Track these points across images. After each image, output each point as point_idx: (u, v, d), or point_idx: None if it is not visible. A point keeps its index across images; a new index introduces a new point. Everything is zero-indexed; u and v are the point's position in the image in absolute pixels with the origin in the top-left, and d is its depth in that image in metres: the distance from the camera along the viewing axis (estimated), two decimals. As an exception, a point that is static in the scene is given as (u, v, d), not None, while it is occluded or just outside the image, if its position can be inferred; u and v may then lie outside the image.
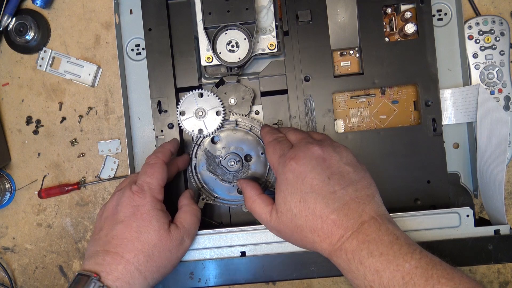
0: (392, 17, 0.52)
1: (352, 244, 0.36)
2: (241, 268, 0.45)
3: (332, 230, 0.37)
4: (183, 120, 0.50)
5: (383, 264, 0.35)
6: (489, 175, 0.48)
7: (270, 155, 0.43)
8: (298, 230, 0.39)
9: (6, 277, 0.60)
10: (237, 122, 0.51)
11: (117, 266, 0.39)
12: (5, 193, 0.59)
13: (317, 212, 0.38)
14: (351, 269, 0.36)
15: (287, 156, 0.41)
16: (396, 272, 0.34)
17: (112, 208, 0.44)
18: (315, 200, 0.38)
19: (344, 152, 0.42)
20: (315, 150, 0.40)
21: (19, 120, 0.60)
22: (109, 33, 0.58)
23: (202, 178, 0.51)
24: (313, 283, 0.58)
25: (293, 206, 0.39)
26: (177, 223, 0.45)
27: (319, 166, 0.39)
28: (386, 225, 0.37)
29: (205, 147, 0.51)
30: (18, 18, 0.57)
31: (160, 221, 0.42)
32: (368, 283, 0.35)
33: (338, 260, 0.37)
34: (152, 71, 0.52)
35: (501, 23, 0.53)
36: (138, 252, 0.41)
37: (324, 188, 0.38)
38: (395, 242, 0.36)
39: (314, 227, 0.38)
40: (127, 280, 0.39)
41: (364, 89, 0.52)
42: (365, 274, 0.35)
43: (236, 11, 0.47)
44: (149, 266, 0.41)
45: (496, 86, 0.53)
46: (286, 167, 0.40)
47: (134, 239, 0.41)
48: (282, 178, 0.41)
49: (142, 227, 0.42)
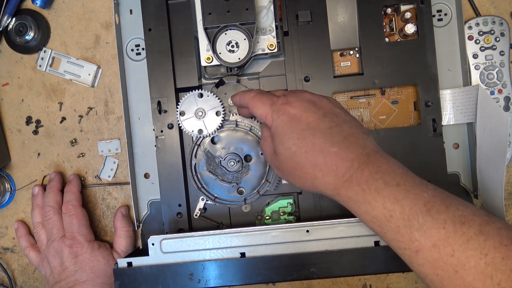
0: (392, 18, 0.52)
1: (364, 174, 0.36)
2: (241, 269, 0.45)
3: (336, 163, 0.37)
4: (183, 120, 0.50)
5: (401, 194, 0.35)
6: (489, 176, 0.48)
7: (259, 107, 0.42)
8: (298, 167, 0.39)
9: (6, 277, 0.60)
10: (237, 122, 0.51)
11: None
12: (5, 193, 0.59)
13: (316, 146, 0.38)
14: (367, 200, 0.36)
15: (279, 103, 0.41)
16: (416, 200, 0.34)
17: (59, 266, 0.52)
18: (313, 136, 0.38)
19: (331, 98, 0.43)
20: (306, 95, 0.41)
21: (19, 120, 0.60)
22: (109, 33, 0.58)
23: (202, 179, 0.51)
24: (313, 283, 0.58)
25: (291, 145, 0.39)
26: (116, 250, 0.55)
27: (312, 106, 0.40)
28: (391, 159, 0.38)
29: (205, 147, 0.51)
30: (18, 18, 0.57)
31: (105, 255, 0.53)
32: (388, 213, 0.35)
33: (349, 192, 0.37)
34: (152, 71, 0.52)
35: (501, 23, 0.53)
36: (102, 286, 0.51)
37: (321, 124, 0.39)
38: (407, 174, 0.37)
39: (315, 162, 0.38)
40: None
41: (364, 90, 0.52)
42: (384, 203, 0.35)
43: (236, 11, 0.47)
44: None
45: (496, 87, 0.53)
46: (280, 111, 0.40)
47: (95, 278, 0.51)
48: (277, 122, 0.40)
49: (94, 267, 0.52)
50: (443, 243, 0.33)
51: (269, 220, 0.52)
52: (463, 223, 0.33)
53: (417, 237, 0.34)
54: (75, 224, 0.53)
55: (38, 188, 0.57)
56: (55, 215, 0.54)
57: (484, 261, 0.31)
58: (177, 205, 0.52)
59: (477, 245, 0.32)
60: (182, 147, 0.52)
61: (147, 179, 0.55)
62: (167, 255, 0.46)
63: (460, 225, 0.33)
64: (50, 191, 0.55)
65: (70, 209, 0.53)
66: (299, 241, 0.45)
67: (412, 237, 0.34)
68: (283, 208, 0.52)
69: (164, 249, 0.46)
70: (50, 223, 0.53)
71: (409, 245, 0.34)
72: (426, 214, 0.34)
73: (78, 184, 0.56)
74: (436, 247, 0.33)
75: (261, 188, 0.51)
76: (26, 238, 0.58)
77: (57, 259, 0.52)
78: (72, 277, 0.51)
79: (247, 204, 0.52)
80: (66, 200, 0.54)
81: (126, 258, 0.46)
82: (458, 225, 0.33)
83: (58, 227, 0.53)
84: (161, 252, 0.46)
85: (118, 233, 0.55)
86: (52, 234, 0.53)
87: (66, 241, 0.52)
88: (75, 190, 0.55)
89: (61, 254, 0.52)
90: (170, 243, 0.46)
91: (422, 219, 0.34)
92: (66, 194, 0.55)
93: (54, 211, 0.54)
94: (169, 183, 0.52)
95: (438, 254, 0.33)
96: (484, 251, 0.31)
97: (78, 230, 0.53)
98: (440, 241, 0.33)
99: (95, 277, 0.51)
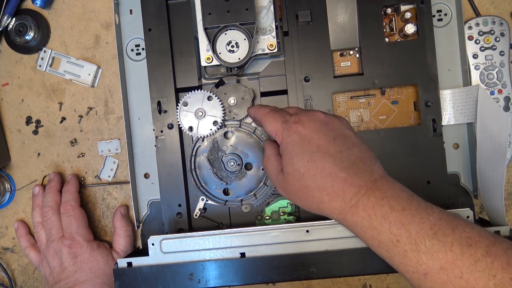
0: (392, 18, 0.52)
1: (370, 200, 0.36)
2: (240, 269, 0.45)
3: (344, 188, 0.37)
4: (182, 111, 0.50)
5: (407, 218, 0.35)
6: (489, 176, 0.47)
7: (271, 123, 0.43)
8: (305, 190, 0.39)
9: (6, 277, 0.60)
10: (256, 129, 0.51)
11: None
12: (5, 193, 0.59)
13: (325, 170, 0.38)
14: (374, 226, 0.36)
15: (291, 121, 0.41)
16: (422, 224, 0.34)
17: (59, 267, 0.52)
18: (323, 159, 0.38)
19: (343, 119, 0.43)
20: (318, 115, 0.41)
21: (19, 120, 0.60)
22: (109, 33, 0.58)
23: (199, 165, 0.51)
24: (313, 283, 0.58)
25: (300, 166, 0.39)
26: (116, 249, 0.55)
27: (324, 128, 0.40)
28: (397, 184, 0.38)
29: (215, 136, 0.51)
30: (18, 18, 0.57)
31: (104, 255, 0.53)
32: (395, 237, 0.35)
33: (355, 218, 0.37)
34: (152, 71, 0.52)
35: (501, 23, 0.53)
36: (102, 286, 0.51)
37: (331, 147, 0.38)
38: (412, 198, 0.37)
39: (322, 185, 0.38)
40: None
41: (364, 90, 0.52)
42: (391, 228, 0.35)
43: (236, 11, 0.47)
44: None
45: (496, 87, 0.53)
46: (291, 130, 0.40)
47: (94, 278, 0.51)
48: (287, 141, 0.40)
49: (93, 267, 0.52)
50: (451, 265, 0.33)
51: (269, 220, 0.52)
52: (470, 244, 0.33)
53: (425, 261, 0.34)
54: (73, 225, 0.53)
55: (38, 188, 0.57)
56: (54, 215, 0.54)
57: (493, 282, 0.31)
58: (177, 205, 0.52)
59: (485, 267, 0.32)
60: (182, 147, 0.52)
61: (147, 179, 0.55)
62: (167, 255, 0.46)
63: (467, 247, 0.33)
64: (49, 192, 0.55)
65: (69, 210, 0.53)
66: (299, 241, 0.45)
67: (419, 260, 0.34)
68: (283, 208, 0.52)
69: (164, 249, 0.46)
70: (49, 223, 0.54)
71: (417, 269, 0.34)
72: (432, 237, 0.34)
73: (76, 184, 0.56)
74: (444, 270, 0.33)
75: (258, 191, 0.51)
76: (26, 238, 0.58)
77: (56, 259, 0.53)
78: (71, 277, 0.51)
79: (247, 204, 0.52)
80: (64, 200, 0.54)
81: (126, 258, 0.46)
82: (465, 247, 0.33)
83: (57, 227, 0.53)
84: (161, 252, 0.46)
85: (118, 232, 0.56)
86: (51, 235, 0.53)
87: (65, 242, 0.52)
88: (73, 190, 0.55)
89: (60, 255, 0.52)
90: (170, 243, 0.46)
91: (429, 242, 0.34)
92: (64, 195, 0.55)
93: (53, 211, 0.54)
94: (169, 183, 0.52)
95: (446, 276, 0.33)
96: (492, 272, 0.32)
97: (77, 231, 0.53)
98: (448, 264, 0.33)
99: (94, 277, 0.51)
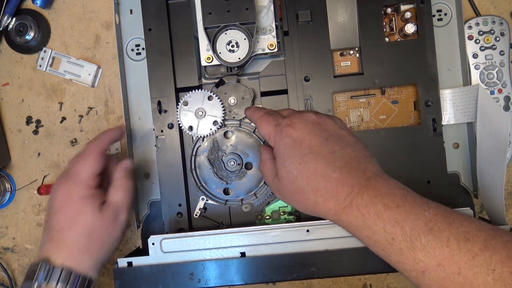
0: (392, 17, 0.52)
1: (363, 199, 0.36)
2: (241, 268, 0.45)
3: (337, 188, 0.37)
4: (182, 110, 0.50)
5: (402, 215, 0.34)
6: (489, 175, 0.48)
7: (264, 126, 0.43)
8: (299, 192, 0.39)
9: (6, 277, 0.60)
10: (256, 129, 0.51)
11: (61, 251, 0.44)
12: (5, 193, 0.59)
13: (318, 171, 0.38)
14: (368, 225, 0.35)
15: (283, 124, 0.41)
16: (417, 220, 0.34)
17: (52, 200, 0.47)
18: (315, 160, 0.38)
19: (337, 118, 0.43)
20: (310, 116, 0.41)
21: (19, 120, 0.60)
22: (109, 33, 0.58)
23: (199, 165, 0.51)
24: (313, 283, 0.58)
25: (293, 169, 0.39)
26: (108, 200, 0.47)
27: (316, 129, 0.40)
28: (392, 181, 0.37)
29: (215, 136, 0.51)
30: (18, 18, 0.57)
31: (93, 204, 0.45)
32: (390, 236, 0.34)
33: (349, 218, 0.37)
34: (152, 71, 0.52)
35: (501, 23, 0.53)
36: (78, 235, 0.45)
37: (323, 148, 0.38)
38: (407, 195, 0.36)
39: (316, 187, 0.38)
40: (73, 260, 0.44)
41: (364, 89, 0.52)
42: (385, 226, 0.35)
43: (236, 11, 0.47)
44: (92, 245, 0.45)
45: (496, 86, 0.53)
46: (283, 133, 0.40)
47: (72, 224, 0.45)
48: (279, 144, 0.40)
49: (77, 212, 0.45)
50: (448, 261, 0.32)
51: (269, 219, 0.52)
52: (467, 239, 0.32)
53: (421, 258, 0.33)
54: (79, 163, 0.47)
55: None
56: None
57: (492, 277, 0.31)
58: (177, 205, 0.52)
59: (483, 261, 0.31)
60: (182, 147, 0.52)
61: (147, 179, 0.55)
62: (167, 254, 0.46)
63: (464, 242, 0.32)
64: None
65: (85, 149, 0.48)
66: (299, 241, 0.45)
67: (416, 258, 0.33)
68: (283, 207, 0.52)
69: (164, 249, 0.46)
70: None
71: (414, 267, 0.34)
72: (428, 234, 0.33)
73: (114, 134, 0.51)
74: (442, 266, 0.32)
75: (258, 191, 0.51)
76: None
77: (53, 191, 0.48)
78: None
79: (247, 203, 0.52)
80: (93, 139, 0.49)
81: (126, 257, 0.46)
82: (462, 242, 0.32)
83: None
84: (161, 251, 0.46)
85: (115, 184, 0.48)
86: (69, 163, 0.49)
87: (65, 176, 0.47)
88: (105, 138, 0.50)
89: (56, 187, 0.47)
90: (170, 242, 0.46)
91: (425, 239, 0.33)
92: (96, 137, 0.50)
93: None
94: (169, 183, 0.52)
95: (444, 273, 0.32)
96: (491, 267, 0.31)
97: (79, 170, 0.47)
98: (445, 260, 0.32)
99: None
